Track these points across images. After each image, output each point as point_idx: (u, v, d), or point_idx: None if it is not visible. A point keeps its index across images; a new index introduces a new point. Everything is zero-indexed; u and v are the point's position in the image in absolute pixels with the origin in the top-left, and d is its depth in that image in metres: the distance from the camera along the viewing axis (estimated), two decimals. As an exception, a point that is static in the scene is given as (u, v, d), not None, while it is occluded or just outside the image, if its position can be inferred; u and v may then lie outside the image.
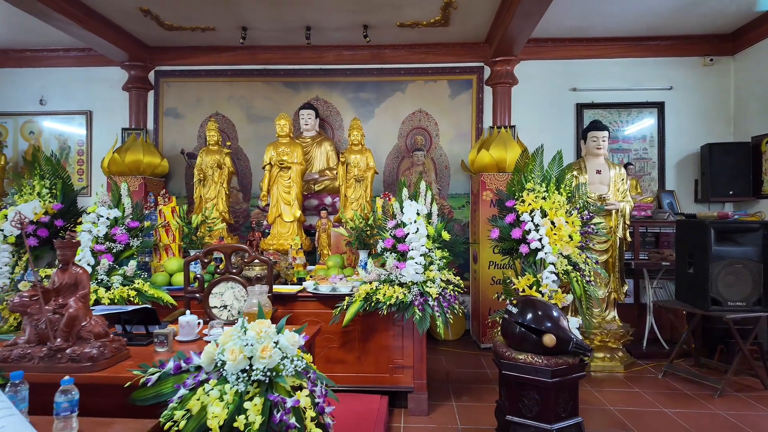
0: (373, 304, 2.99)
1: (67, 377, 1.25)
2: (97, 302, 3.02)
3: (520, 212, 3.20)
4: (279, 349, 1.44)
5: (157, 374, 1.47)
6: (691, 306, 3.74)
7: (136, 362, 1.63)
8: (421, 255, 3.07)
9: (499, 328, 2.86)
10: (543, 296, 3.00)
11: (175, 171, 5.53)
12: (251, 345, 1.42)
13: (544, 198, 3.22)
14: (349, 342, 3.16)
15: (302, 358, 1.51)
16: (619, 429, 2.93)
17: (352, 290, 3.14)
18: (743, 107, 5.07)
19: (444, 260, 3.25)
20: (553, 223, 3.16)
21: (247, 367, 1.40)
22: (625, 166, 5.17)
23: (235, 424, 1.31)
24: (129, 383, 1.49)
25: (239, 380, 1.39)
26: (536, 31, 4.72)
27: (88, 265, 3.15)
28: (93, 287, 3.14)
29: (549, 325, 2.55)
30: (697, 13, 4.63)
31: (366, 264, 3.57)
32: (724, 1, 4.41)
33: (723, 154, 4.91)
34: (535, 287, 3.09)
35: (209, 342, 1.52)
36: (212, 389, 1.38)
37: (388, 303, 2.96)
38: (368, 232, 3.62)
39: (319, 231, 4.25)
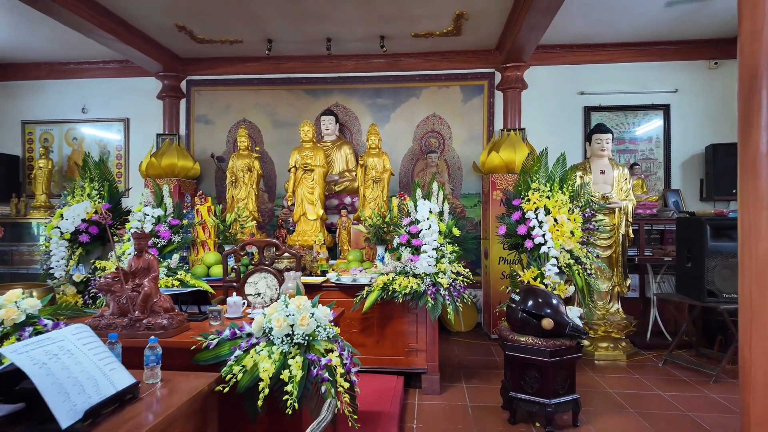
0: (389, 293, 3.31)
1: (152, 337, 1.60)
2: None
3: (525, 210, 3.49)
4: (314, 319, 1.78)
5: (217, 339, 1.83)
6: (689, 298, 3.97)
7: (196, 332, 1.98)
8: (433, 249, 3.39)
9: (506, 315, 3.16)
10: (546, 287, 3.29)
11: (206, 173, 5.95)
12: (292, 315, 1.76)
13: (548, 197, 3.51)
14: (368, 327, 3.49)
15: (332, 327, 1.84)
16: (616, 408, 3.19)
17: (371, 281, 3.47)
18: (747, 109, 5.24)
19: (454, 254, 3.55)
20: (555, 220, 3.44)
21: (290, 333, 1.74)
22: (632, 166, 5.41)
23: (282, 377, 1.65)
24: (194, 347, 1.84)
25: (283, 343, 1.73)
26: (544, 38, 4.98)
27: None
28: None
29: (548, 311, 2.84)
30: (702, 17, 4.82)
31: (383, 258, 3.89)
32: (729, 5, 4.60)
33: (727, 155, 5.10)
34: (539, 279, 3.38)
35: (252, 318, 1.87)
36: (262, 350, 1.73)
37: (403, 292, 3.28)
38: (385, 229, 3.95)
39: (340, 228, 4.60)
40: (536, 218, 3.44)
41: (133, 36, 5.07)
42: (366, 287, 3.40)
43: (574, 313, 3.07)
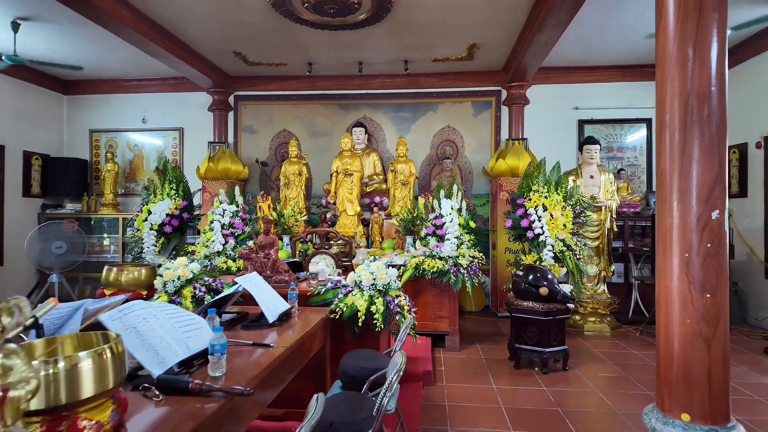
0: (420, 271, 4.24)
1: (292, 283, 2.52)
2: (228, 271, 4.34)
3: (527, 207, 4.42)
4: (388, 275, 2.71)
5: (324, 289, 2.76)
6: (660, 280, 4.87)
7: (299, 287, 2.91)
8: (455, 237, 4.32)
9: (511, 288, 4.09)
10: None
11: (252, 176, 6.89)
12: (374, 272, 2.69)
13: (545, 197, 4.44)
14: (403, 299, 4.41)
15: (398, 281, 2.78)
16: (598, 360, 4.10)
17: (404, 262, 4.39)
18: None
19: (471, 242, 4.48)
20: (551, 215, 4.37)
21: (374, 283, 2.67)
22: (619, 171, 6.34)
23: (372, 309, 2.58)
24: (308, 293, 2.77)
25: (370, 289, 2.66)
26: (545, 61, 5.89)
27: (220, 244, 4.49)
28: (222, 261, 4.46)
29: (544, 282, 3.76)
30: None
31: (411, 245, 4.82)
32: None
33: (699, 162, 5.99)
34: (538, 262, 4.31)
35: (331, 280, 2.79)
36: (356, 294, 2.66)
37: (431, 271, 4.20)
38: (413, 222, 4.88)
39: (372, 222, 5.53)
40: (536, 214, 4.38)
41: (192, 57, 5.97)
42: (401, 267, 4.33)
43: (566, 288, 3.99)
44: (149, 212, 4.99)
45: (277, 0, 4.51)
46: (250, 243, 4.53)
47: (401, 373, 1.60)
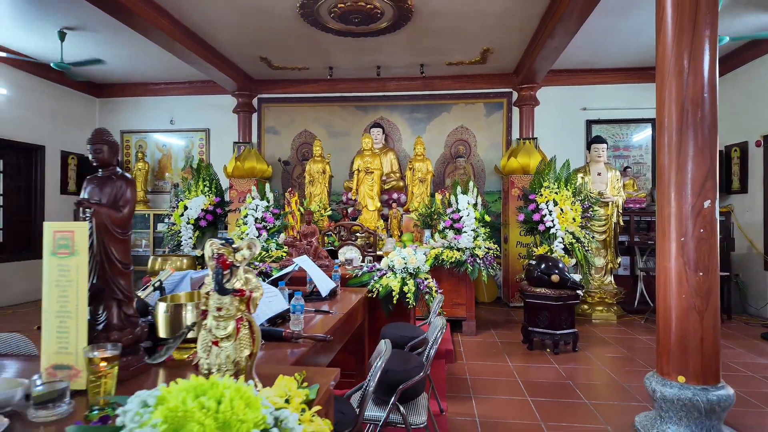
0: (440, 261, 4.58)
1: (336, 266, 2.87)
2: (263, 261, 4.70)
3: (539, 202, 4.75)
4: (418, 260, 3.06)
5: (362, 272, 3.11)
6: (664, 270, 5.18)
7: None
8: (471, 230, 4.66)
9: (524, 276, 4.42)
10: (553, 257, 4.54)
11: (275, 174, 7.26)
12: (405, 257, 3.04)
13: (556, 193, 4.76)
14: (423, 288, 4.75)
15: (426, 265, 3.12)
16: (605, 343, 4.43)
17: (425, 253, 4.73)
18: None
19: (486, 234, 4.82)
20: (561, 209, 4.70)
21: (405, 267, 3.02)
22: (625, 169, 6.64)
23: (404, 289, 2.93)
24: (346, 276, 3.13)
25: (402, 272, 3.01)
26: (554, 65, 6.20)
27: (254, 236, 4.85)
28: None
29: (555, 270, 4.09)
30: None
31: (429, 238, 5.16)
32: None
33: (702, 160, 6.29)
34: (549, 253, 4.64)
35: (366, 264, 3.14)
36: (389, 276, 3.01)
37: (449, 261, 4.54)
38: (431, 217, 5.22)
39: (391, 217, 5.88)
40: (547, 208, 4.70)
41: (220, 62, 6.34)
42: (422, 258, 4.66)
43: (575, 277, 4.32)
44: (185, 208, 5.38)
45: (306, 11, 4.87)
46: (282, 235, 4.90)
47: (444, 331, 1.95)
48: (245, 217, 5.02)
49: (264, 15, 5.01)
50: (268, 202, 5.15)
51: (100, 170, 1.23)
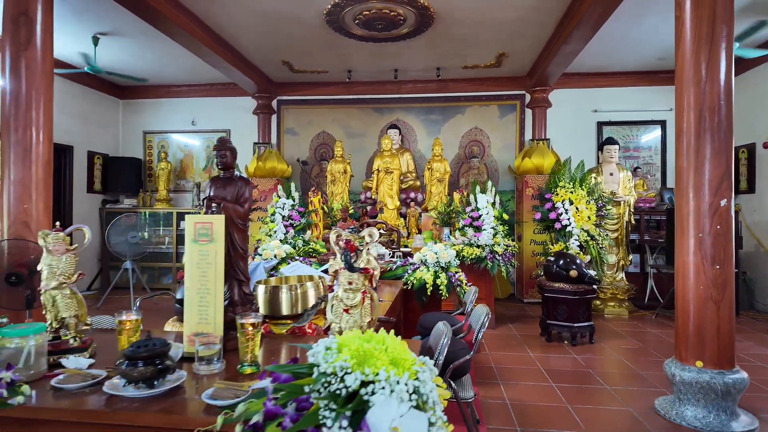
0: (460, 257, 4.78)
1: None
2: (291, 258, 4.91)
3: (555, 201, 4.95)
4: (449, 255, 3.27)
5: (396, 266, 3.32)
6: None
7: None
8: (491, 228, 4.86)
9: (543, 272, 4.62)
10: (570, 254, 4.74)
11: (294, 174, 7.47)
12: (437, 252, 3.25)
13: (571, 192, 4.96)
14: (444, 283, 4.96)
15: (457, 260, 3.33)
16: (619, 336, 4.63)
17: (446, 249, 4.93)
18: (727, 124, 6.63)
19: (504, 231, 5.02)
20: (576, 208, 4.90)
21: (437, 261, 3.23)
22: (635, 169, 6.83)
23: (437, 282, 3.14)
24: (382, 269, 3.34)
25: (434, 266, 3.22)
26: (567, 68, 6.40)
27: (282, 233, 5.06)
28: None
29: (573, 266, 4.29)
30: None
31: (448, 235, 5.37)
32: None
33: (710, 160, 6.48)
34: (564, 250, 4.84)
35: (399, 258, 3.36)
36: (422, 270, 3.22)
37: (470, 257, 4.75)
38: (449, 215, 5.43)
39: (409, 216, 6.09)
40: (563, 207, 4.91)
41: (243, 64, 6.53)
42: (443, 254, 4.87)
43: (590, 272, 4.52)
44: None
45: (332, 17, 5.08)
46: (308, 232, 5.12)
47: (489, 317, 2.16)
48: (272, 215, 5.24)
49: (290, 21, 5.21)
50: (294, 200, 5.37)
51: (221, 172, 1.44)
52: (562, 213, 4.92)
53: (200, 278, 1.21)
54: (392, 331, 0.92)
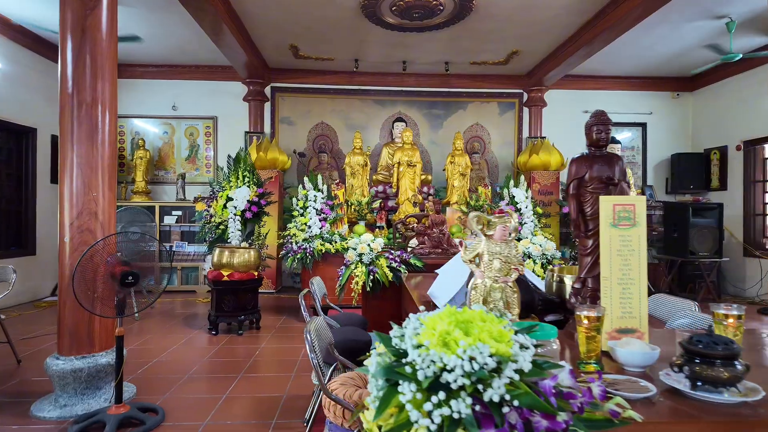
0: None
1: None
2: (328, 253, 4.64)
3: (583, 195, 5.17)
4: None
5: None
6: (675, 257, 5.87)
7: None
8: (531, 221, 4.96)
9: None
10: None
11: (291, 166, 7.06)
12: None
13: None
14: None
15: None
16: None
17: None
18: (699, 128, 7.37)
19: (542, 224, 5.15)
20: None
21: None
22: (622, 167, 7.32)
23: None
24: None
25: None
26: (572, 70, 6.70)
27: (317, 228, 4.76)
28: (319, 243, 4.73)
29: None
30: (669, 63, 6.79)
31: (479, 230, 5.39)
32: (690, 57, 6.60)
33: (685, 161, 7.16)
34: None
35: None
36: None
37: (511, 250, 4.81)
38: (479, 209, 5.45)
39: (428, 210, 6.02)
40: (592, 201, 5.14)
41: (241, 37, 5.70)
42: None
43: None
44: (229, 198, 5.12)
45: (369, 2, 4.85)
46: (343, 227, 4.86)
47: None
48: (304, 208, 4.91)
49: (324, 3, 4.88)
50: (323, 193, 5.08)
51: (598, 150, 1.29)
52: (589, 207, 5.15)
53: (622, 266, 1.08)
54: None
